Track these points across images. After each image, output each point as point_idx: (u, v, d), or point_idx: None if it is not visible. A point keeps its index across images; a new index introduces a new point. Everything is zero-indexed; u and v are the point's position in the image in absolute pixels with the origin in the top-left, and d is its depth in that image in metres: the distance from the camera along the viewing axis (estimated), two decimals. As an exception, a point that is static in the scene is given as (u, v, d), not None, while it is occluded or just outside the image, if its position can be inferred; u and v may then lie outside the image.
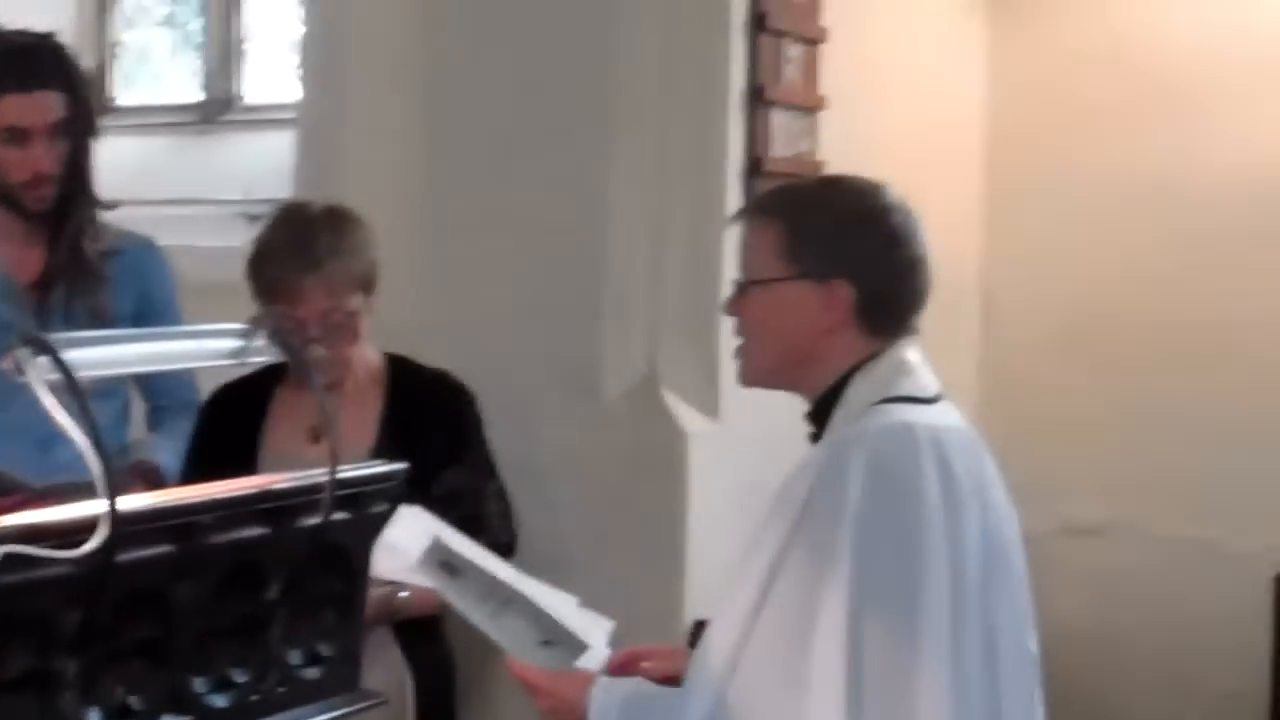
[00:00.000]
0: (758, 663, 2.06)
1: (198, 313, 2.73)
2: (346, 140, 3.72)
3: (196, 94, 5.03)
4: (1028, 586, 2.22)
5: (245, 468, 2.81)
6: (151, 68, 5.31)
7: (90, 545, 1.48)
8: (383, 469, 1.90)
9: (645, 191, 3.44)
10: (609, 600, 2.55)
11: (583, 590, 2.54)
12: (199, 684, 1.71)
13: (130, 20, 5.24)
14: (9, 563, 1.45)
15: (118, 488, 1.50)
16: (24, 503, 2.37)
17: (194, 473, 2.91)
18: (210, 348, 1.76)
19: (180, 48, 5.27)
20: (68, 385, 1.49)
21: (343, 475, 1.78)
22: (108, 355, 1.65)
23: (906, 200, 2.24)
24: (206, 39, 5.04)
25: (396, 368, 3.02)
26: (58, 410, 1.47)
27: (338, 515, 1.78)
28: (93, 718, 1.59)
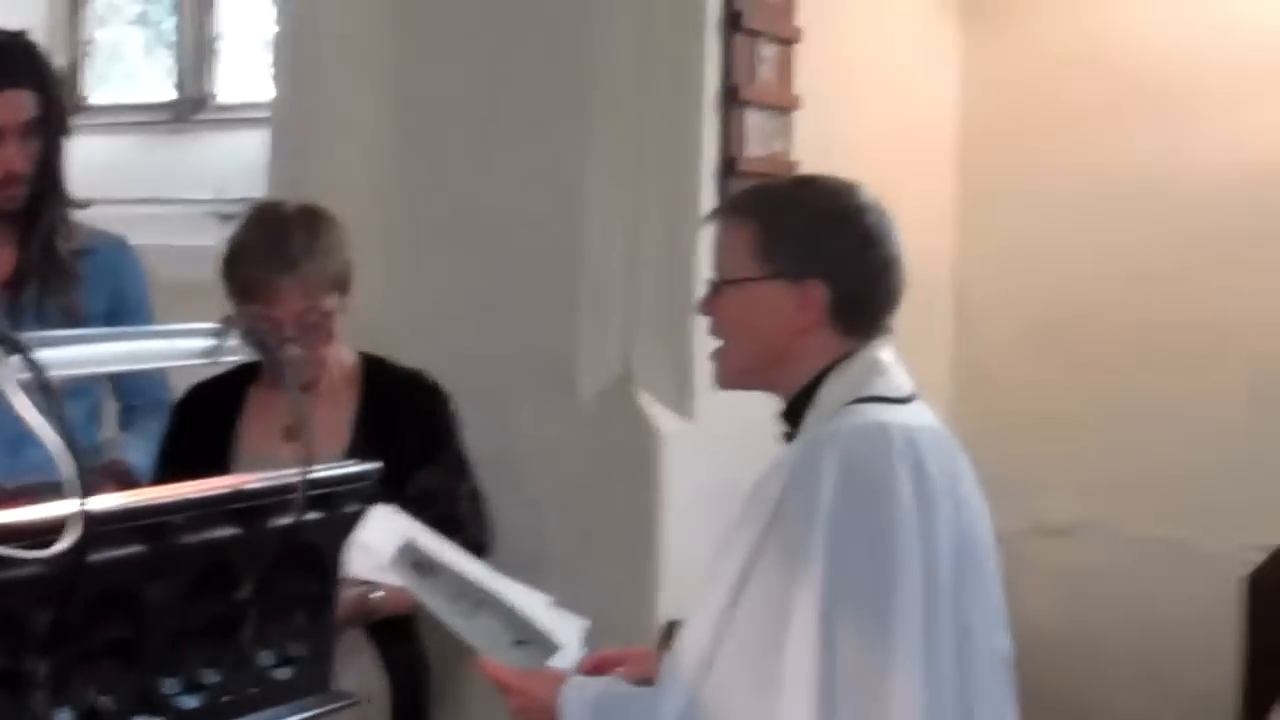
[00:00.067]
0: (731, 663, 2.06)
1: (170, 312, 2.74)
2: (320, 139, 3.71)
3: (169, 93, 5.01)
4: (1000, 586, 2.23)
5: (217, 467, 2.81)
6: (124, 66, 5.29)
7: (61, 545, 1.47)
8: (356, 469, 1.89)
9: (619, 191, 3.43)
10: (582, 598, 2.55)
11: (556, 588, 2.54)
12: (170, 684, 1.70)
13: (102, 19, 5.21)
14: (-21, 563, 1.44)
15: (89, 488, 1.49)
16: (-5, 503, 2.36)
17: (166, 472, 2.90)
18: (183, 347, 1.75)
19: (153, 46, 5.25)
20: (40, 385, 1.48)
21: (316, 475, 1.78)
22: (80, 354, 1.64)
23: (881, 200, 2.24)
24: (179, 37, 5.02)
25: (371, 367, 3.02)
26: (29, 410, 1.46)
27: (311, 515, 1.77)
28: (63, 718, 1.58)
